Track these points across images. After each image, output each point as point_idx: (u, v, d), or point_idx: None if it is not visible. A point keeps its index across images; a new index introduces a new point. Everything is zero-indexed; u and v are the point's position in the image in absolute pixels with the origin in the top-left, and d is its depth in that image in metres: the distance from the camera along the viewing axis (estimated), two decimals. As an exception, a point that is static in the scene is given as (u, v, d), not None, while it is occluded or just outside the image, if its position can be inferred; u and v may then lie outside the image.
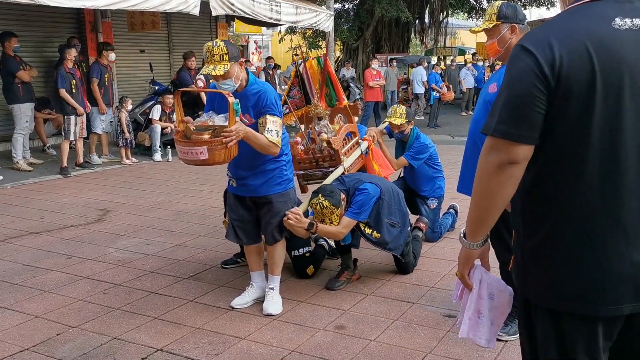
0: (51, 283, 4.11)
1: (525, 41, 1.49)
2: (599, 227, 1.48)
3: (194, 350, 3.13)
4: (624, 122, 1.43)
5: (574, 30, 1.46)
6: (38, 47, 9.98)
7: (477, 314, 1.80)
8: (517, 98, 1.46)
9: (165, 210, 6.19)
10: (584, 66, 1.41)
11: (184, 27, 12.84)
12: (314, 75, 4.32)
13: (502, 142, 1.47)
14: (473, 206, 1.61)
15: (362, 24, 20.52)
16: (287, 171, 3.59)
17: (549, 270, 1.54)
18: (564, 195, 1.50)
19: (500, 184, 1.50)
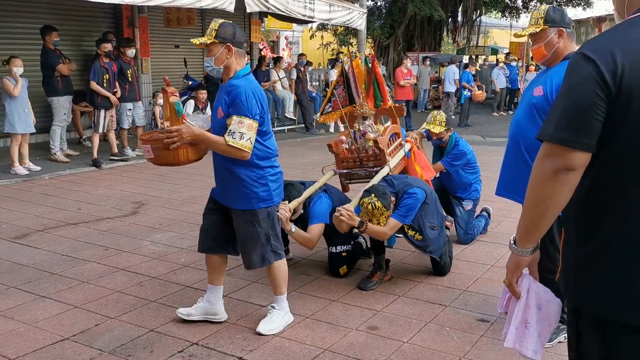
0: (89, 274, 4.21)
1: (585, 49, 1.49)
2: None
3: (229, 345, 3.18)
4: None
5: (635, 40, 1.46)
6: (76, 41, 10.18)
7: (524, 323, 1.77)
8: (577, 105, 1.46)
9: (198, 205, 6.25)
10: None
11: (218, 22, 12.94)
12: (360, 75, 4.31)
13: (559, 148, 1.47)
14: (526, 212, 1.60)
15: (394, 21, 20.43)
16: (262, 188, 3.14)
17: (603, 279, 1.52)
18: (622, 202, 1.48)
19: (556, 190, 1.50)
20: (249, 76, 3.17)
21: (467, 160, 4.93)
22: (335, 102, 4.39)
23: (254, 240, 3.21)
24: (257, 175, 3.13)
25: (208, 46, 3.10)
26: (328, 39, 23.97)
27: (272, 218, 3.26)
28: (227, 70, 3.11)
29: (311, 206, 4.04)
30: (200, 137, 3.05)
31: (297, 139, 11.95)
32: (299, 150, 10.49)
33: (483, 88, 15.18)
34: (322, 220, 3.98)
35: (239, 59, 3.13)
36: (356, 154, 4.18)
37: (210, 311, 3.43)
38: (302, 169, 8.47)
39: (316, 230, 3.96)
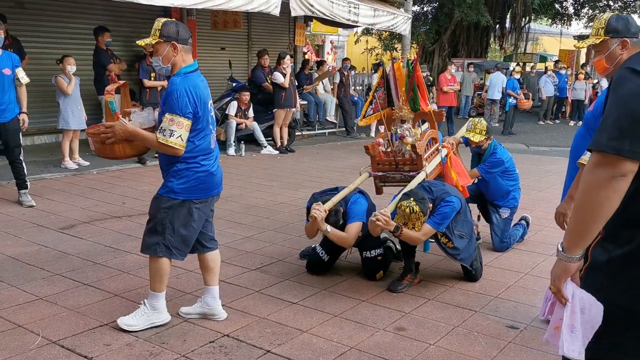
0: (130, 265, 4.39)
1: (632, 64, 1.62)
2: None
3: (258, 338, 3.27)
4: None
5: None
6: (126, 42, 10.54)
7: (571, 328, 1.83)
8: (630, 117, 1.56)
9: (236, 203, 6.42)
10: None
11: (263, 26, 13.18)
12: (401, 78, 4.34)
13: (613, 157, 1.57)
14: (575, 219, 1.68)
15: (439, 27, 20.32)
16: (177, 181, 3.20)
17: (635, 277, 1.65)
18: None
19: (609, 197, 1.58)
20: (191, 74, 3.19)
21: (504, 168, 4.89)
22: (376, 104, 4.43)
23: (149, 223, 3.31)
24: (177, 168, 3.19)
25: (154, 46, 3.18)
26: (372, 43, 24.01)
27: (177, 213, 3.23)
28: (174, 68, 3.19)
29: (349, 206, 4.10)
30: (133, 134, 3.16)
31: (338, 142, 12.03)
32: (339, 153, 10.56)
33: (530, 96, 14.93)
34: (360, 219, 4.04)
35: (185, 56, 3.18)
36: (392, 157, 4.21)
37: (209, 312, 3.50)
38: (341, 172, 8.55)
39: (354, 229, 4.02)
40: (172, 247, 3.28)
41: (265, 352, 3.12)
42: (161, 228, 3.25)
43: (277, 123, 10.15)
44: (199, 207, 3.31)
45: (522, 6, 21.19)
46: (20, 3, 9.16)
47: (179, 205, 3.23)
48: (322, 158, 9.94)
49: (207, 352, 3.09)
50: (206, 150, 3.24)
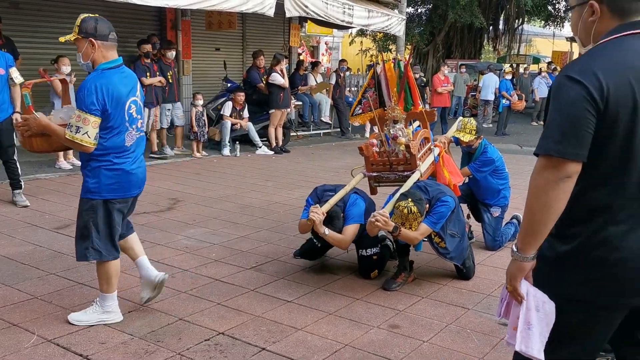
0: (125, 264, 4.35)
1: (571, 72, 1.70)
2: (637, 229, 1.73)
3: (253, 336, 3.29)
4: None
5: (614, 61, 1.69)
6: (122, 43, 10.48)
7: (528, 325, 1.89)
8: (571, 122, 1.67)
9: (232, 203, 6.43)
10: (627, 94, 1.66)
11: (258, 27, 13.20)
12: (392, 79, 4.37)
13: (559, 160, 1.67)
14: (527, 221, 1.78)
15: (434, 28, 20.39)
16: (92, 180, 3.18)
17: (586, 270, 1.77)
18: (610, 203, 1.73)
19: (557, 197, 1.70)
20: (109, 70, 3.16)
21: (495, 167, 4.93)
22: (365, 104, 4.46)
23: (77, 229, 3.30)
24: (90, 166, 3.19)
25: (75, 43, 3.20)
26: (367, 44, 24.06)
27: (97, 213, 3.21)
28: (94, 65, 3.19)
29: (347, 208, 4.11)
30: (46, 128, 3.17)
31: (332, 142, 12.06)
32: (334, 153, 10.59)
33: (523, 97, 15.01)
34: (358, 221, 4.07)
35: (105, 52, 3.17)
36: (386, 158, 4.24)
37: (150, 282, 3.55)
38: (335, 172, 8.58)
39: (351, 231, 4.05)
40: (101, 249, 3.28)
41: (260, 349, 3.14)
42: (87, 232, 3.24)
43: (272, 123, 10.18)
44: (118, 208, 3.28)
45: (516, 8, 21.31)
46: (15, 3, 9.15)
47: (98, 206, 3.21)
48: (317, 158, 9.97)
49: (203, 350, 3.11)
50: (120, 149, 3.21)
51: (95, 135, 3.09)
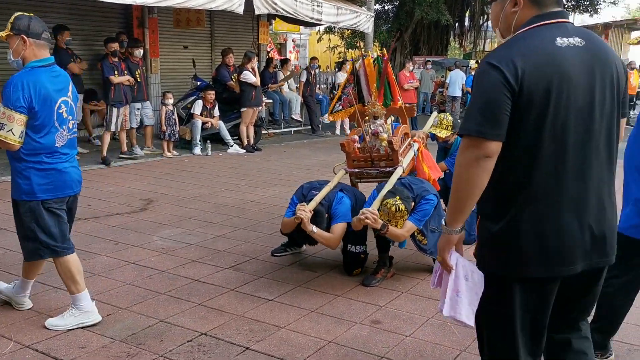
0: (100, 267, 4.32)
1: (491, 59, 1.85)
2: (555, 203, 1.87)
3: (236, 335, 3.27)
4: (568, 122, 1.84)
5: (529, 48, 1.85)
6: (87, 41, 10.32)
7: (456, 292, 2.10)
8: (490, 104, 1.82)
9: (206, 203, 6.38)
10: (540, 76, 1.81)
11: (226, 24, 13.09)
12: (372, 75, 4.37)
13: (479, 140, 1.82)
14: (453, 197, 1.95)
15: (401, 25, 20.53)
16: (24, 181, 3.15)
17: (517, 246, 1.90)
18: (529, 180, 1.87)
19: (478, 175, 1.85)
20: (39, 69, 3.13)
21: None
22: (345, 100, 4.47)
23: (20, 231, 3.29)
24: (20, 167, 3.15)
25: (7, 39, 3.18)
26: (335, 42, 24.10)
27: (36, 213, 3.19)
28: (24, 62, 3.17)
29: (334, 206, 4.11)
30: None
31: (304, 140, 12.05)
32: (306, 151, 10.59)
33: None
34: (345, 219, 4.07)
35: (37, 51, 3.15)
36: (368, 154, 4.25)
37: (15, 300, 3.52)
38: (309, 169, 8.58)
39: (339, 230, 4.05)
40: (54, 247, 3.27)
41: (244, 349, 3.13)
42: (32, 234, 3.22)
43: (244, 122, 10.11)
44: (56, 207, 3.24)
45: (481, 4, 21.62)
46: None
47: (36, 207, 3.18)
48: (290, 156, 9.95)
49: (186, 352, 3.08)
50: (50, 149, 3.16)
51: (21, 133, 3.05)
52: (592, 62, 1.88)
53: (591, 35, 1.95)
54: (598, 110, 1.88)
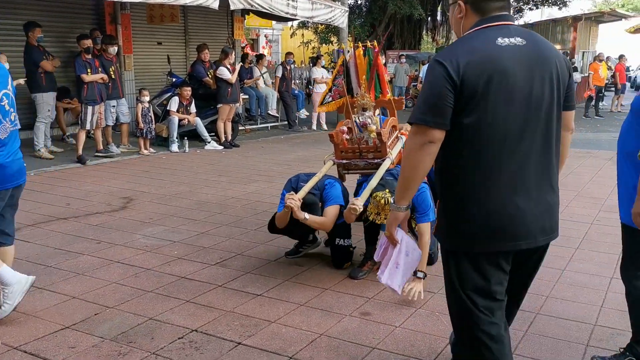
0: (84, 266, 4.27)
1: (438, 57, 2.08)
2: (497, 185, 2.08)
3: (227, 331, 3.27)
4: (507, 112, 2.05)
5: (471, 47, 2.08)
6: (60, 38, 10.13)
7: (396, 265, 2.46)
8: (434, 96, 2.04)
9: (187, 200, 6.34)
10: (480, 72, 2.02)
11: (200, 20, 12.98)
12: (362, 66, 4.38)
13: (423, 127, 2.05)
14: (401, 178, 2.18)
15: (374, 20, 20.61)
16: None
17: (466, 224, 2.13)
18: (473, 165, 2.09)
19: (422, 159, 2.07)
20: None
21: None
22: (335, 91, 4.48)
23: None
24: None
25: None
26: (308, 37, 24.07)
27: None
28: None
29: (325, 190, 4.12)
30: None
31: (281, 136, 12.04)
32: (283, 146, 10.58)
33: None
34: (337, 202, 4.08)
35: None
36: (356, 145, 4.26)
37: None
38: (288, 165, 8.58)
39: (332, 212, 4.05)
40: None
41: (236, 344, 3.13)
42: None
43: (221, 118, 10.05)
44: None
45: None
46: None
47: None
48: (268, 152, 9.93)
49: (178, 349, 3.07)
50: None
51: None
52: (532, 59, 2.09)
53: (532, 35, 2.16)
54: (535, 102, 2.08)
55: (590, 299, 3.76)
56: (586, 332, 3.30)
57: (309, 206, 3.98)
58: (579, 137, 12.44)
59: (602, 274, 4.19)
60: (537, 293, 3.81)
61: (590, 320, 3.44)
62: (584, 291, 3.88)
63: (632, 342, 2.85)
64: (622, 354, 2.86)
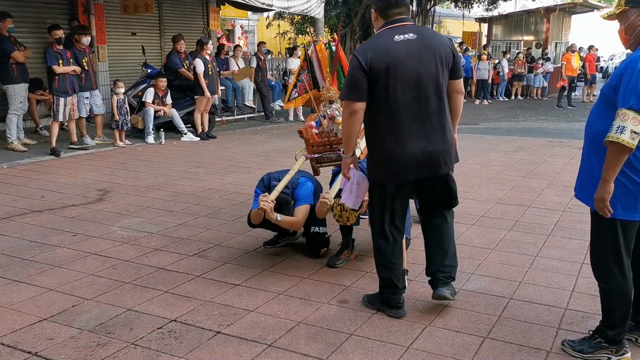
0: (60, 258, 4.24)
1: (356, 52, 3.10)
2: (400, 136, 3.09)
3: (207, 321, 3.30)
4: (404, 86, 3.04)
5: (376, 44, 3.11)
6: (32, 28, 9.95)
7: (350, 191, 3.51)
8: (353, 80, 3.06)
9: (164, 191, 6.31)
10: (381, 61, 3.02)
11: (175, 10, 12.85)
12: (324, 60, 4.43)
13: (348, 102, 3.09)
14: (343, 135, 3.23)
15: (350, 10, 20.58)
16: None
17: (383, 164, 3.18)
18: (385, 123, 3.12)
19: (352, 123, 3.12)
20: None
21: None
22: (300, 86, 4.51)
23: None
24: None
25: None
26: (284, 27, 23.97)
27: None
28: None
29: (296, 190, 4.17)
30: None
31: (258, 127, 12.01)
32: (260, 138, 10.57)
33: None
34: (307, 201, 4.13)
35: None
36: (326, 138, 4.31)
37: None
38: (265, 156, 8.59)
39: (302, 212, 4.11)
40: None
41: (215, 333, 3.15)
42: None
43: (198, 109, 9.99)
44: None
45: (428, -10, 21.89)
46: None
47: None
48: (245, 143, 9.92)
49: (157, 338, 3.08)
50: None
51: None
52: (421, 48, 3.06)
53: (422, 30, 3.20)
54: (425, 78, 3.05)
55: (562, 284, 3.86)
56: (557, 315, 3.40)
57: (283, 205, 4.04)
58: (552, 126, 12.68)
59: (573, 259, 4.30)
60: (510, 279, 3.91)
61: (562, 305, 3.54)
62: (556, 276, 3.99)
63: (602, 325, 2.93)
64: (592, 336, 2.95)
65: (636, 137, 2.51)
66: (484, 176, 7.18)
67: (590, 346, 2.90)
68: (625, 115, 2.51)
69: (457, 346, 3.04)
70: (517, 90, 19.67)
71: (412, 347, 3.03)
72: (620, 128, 2.51)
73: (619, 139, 2.50)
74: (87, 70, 8.73)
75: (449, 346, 3.04)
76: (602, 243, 2.80)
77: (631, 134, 2.50)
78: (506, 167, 7.80)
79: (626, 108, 2.52)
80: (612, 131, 2.54)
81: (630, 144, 2.50)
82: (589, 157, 2.82)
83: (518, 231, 4.97)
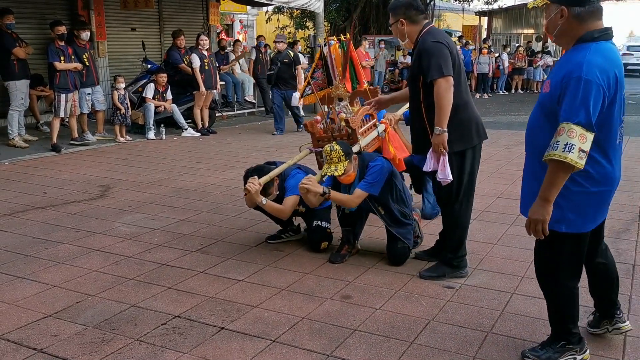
0: (64, 255, 4.25)
1: (436, 40, 3.65)
2: (474, 109, 3.76)
3: (210, 316, 3.31)
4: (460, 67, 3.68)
5: (441, 32, 3.77)
6: (32, 25, 9.92)
7: (444, 165, 3.64)
8: (447, 58, 3.59)
9: (166, 187, 6.32)
10: (451, 46, 3.66)
11: (175, 5, 12.82)
12: (337, 58, 4.47)
13: (448, 77, 3.56)
14: (444, 109, 3.55)
15: (349, 4, 20.56)
16: None
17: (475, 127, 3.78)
18: (467, 96, 3.73)
19: (451, 95, 3.58)
20: None
21: None
22: (314, 84, 4.56)
23: None
24: None
25: None
26: (284, 22, 23.93)
27: None
28: None
29: (287, 180, 4.22)
30: None
31: (258, 122, 12.01)
32: (260, 133, 10.57)
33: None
34: (294, 192, 4.14)
35: None
36: (330, 133, 4.35)
37: None
38: (266, 151, 8.59)
39: (290, 202, 4.15)
40: None
41: (219, 329, 3.17)
42: None
43: (197, 105, 9.99)
44: None
45: (427, -17, 21.85)
46: None
47: None
48: (246, 138, 9.92)
49: (161, 334, 3.10)
50: None
51: None
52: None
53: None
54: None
55: (563, 278, 3.87)
56: (559, 310, 3.41)
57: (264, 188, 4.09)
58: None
59: (574, 254, 4.31)
60: (513, 274, 3.92)
61: (563, 299, 3.55)
62: (557, 271, 3.99)
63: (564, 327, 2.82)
64: (553, 340, 2.83)
65: (584, 155, 2.31)
66: (485, 170, 7.17)
67: (556, 351, 2.78)
68: (572, 131, 2.30)
69: (460, 341, 3.06)
70: (517, 83, 19.64)
71: (415, 342, 3.05)
72: (569, 146, 2.30)
73: (567, 158, 2.30)
74: (88, 66, 8.71)
75: (453, 341, 3.06)
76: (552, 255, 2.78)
77: (579, 153, 2.30)
78: (507, 161, 7.81)
79: (573, 123, 2.31)
80: (557, 149, 2.32)
81: (579, 163, 2.31)
82: (534, 172, 2.60)
83: (520, 225, 4.98)
